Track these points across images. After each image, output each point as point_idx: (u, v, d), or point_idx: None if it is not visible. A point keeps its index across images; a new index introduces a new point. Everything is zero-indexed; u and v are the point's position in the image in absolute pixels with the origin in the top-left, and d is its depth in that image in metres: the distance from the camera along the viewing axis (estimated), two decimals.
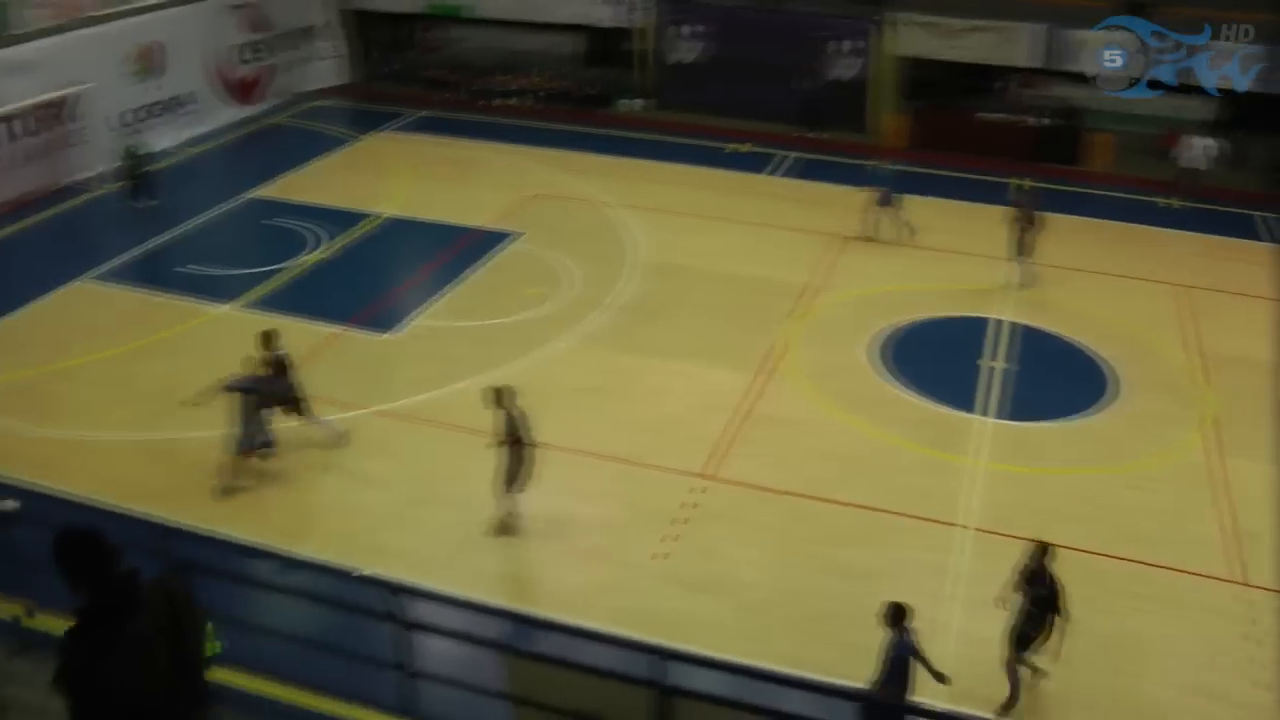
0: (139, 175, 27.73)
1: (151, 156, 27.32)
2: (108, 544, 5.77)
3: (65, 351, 21.54)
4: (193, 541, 13.55)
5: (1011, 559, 13.46)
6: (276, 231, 27.57)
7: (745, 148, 33.48)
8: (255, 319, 22.59)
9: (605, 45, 37.98)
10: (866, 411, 19.56)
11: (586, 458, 18.09)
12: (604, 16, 36.26)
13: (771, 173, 31.69)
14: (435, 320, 22.89)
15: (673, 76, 36.19)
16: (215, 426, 17.17)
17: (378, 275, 25.40)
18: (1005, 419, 19.51)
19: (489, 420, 18.46)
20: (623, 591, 15.26)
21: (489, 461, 17.17)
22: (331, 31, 40.24)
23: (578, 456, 17.84)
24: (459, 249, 26.36)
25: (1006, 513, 16.84)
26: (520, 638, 12.79)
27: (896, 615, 11.90)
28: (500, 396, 15.77)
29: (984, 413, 19.70)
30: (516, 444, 15.80)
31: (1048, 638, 12.88)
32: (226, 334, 22.02)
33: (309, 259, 25.94)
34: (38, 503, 12.05)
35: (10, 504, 14.40)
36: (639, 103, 37.00)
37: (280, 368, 17.73)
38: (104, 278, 24.76)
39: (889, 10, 33.74)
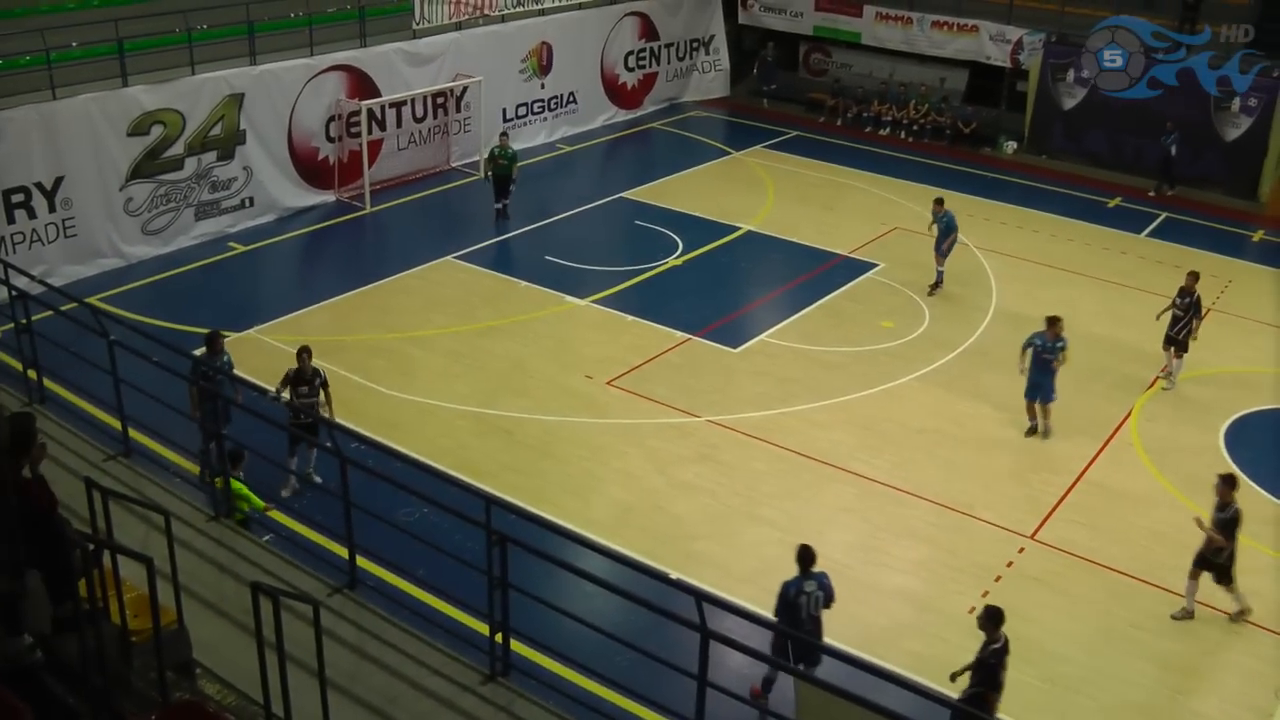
0: (501, 177, 28.14)
1: (514, 160, 27.81)
2: None
3: (425, 321, 23.03)
4: (515, 517, 13.97)
5: None
6: (640, 233, 28.46)
7: (1114, 202, 32.22)
8: (607, 315, 23.71)
9: (987, 83, 37.22)
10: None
11: (911, 498, 17.92)
12: (994, 54, 35.58)
13: (1144, 231, 30.27)
14: (781, 340, 23.02)
15: (1052, 121, 35.12)
16: (553, 411, 17.75)
17: (731, 288, 25.79)
18: None
19: (819, 444, 18.89)
20: (926, 638, 15.02)
21: (818, 487, 17.41)
22: (717, 45, 41.03)
23: (903, 495, 17.72)
24: (815, 273, 26.44)
25: None
26: (814, 667, 12.72)
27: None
28: None
29: None
30: None
31: None
32: (576, 326, 23.03)
33: (667, 264, 26.56)
34: (378, 459, 12.69)
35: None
36: (1012, 144, 36.16)
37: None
38: (470, 258, 26.17)
39: None
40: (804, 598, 12.89)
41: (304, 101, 28.22)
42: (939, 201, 25.16)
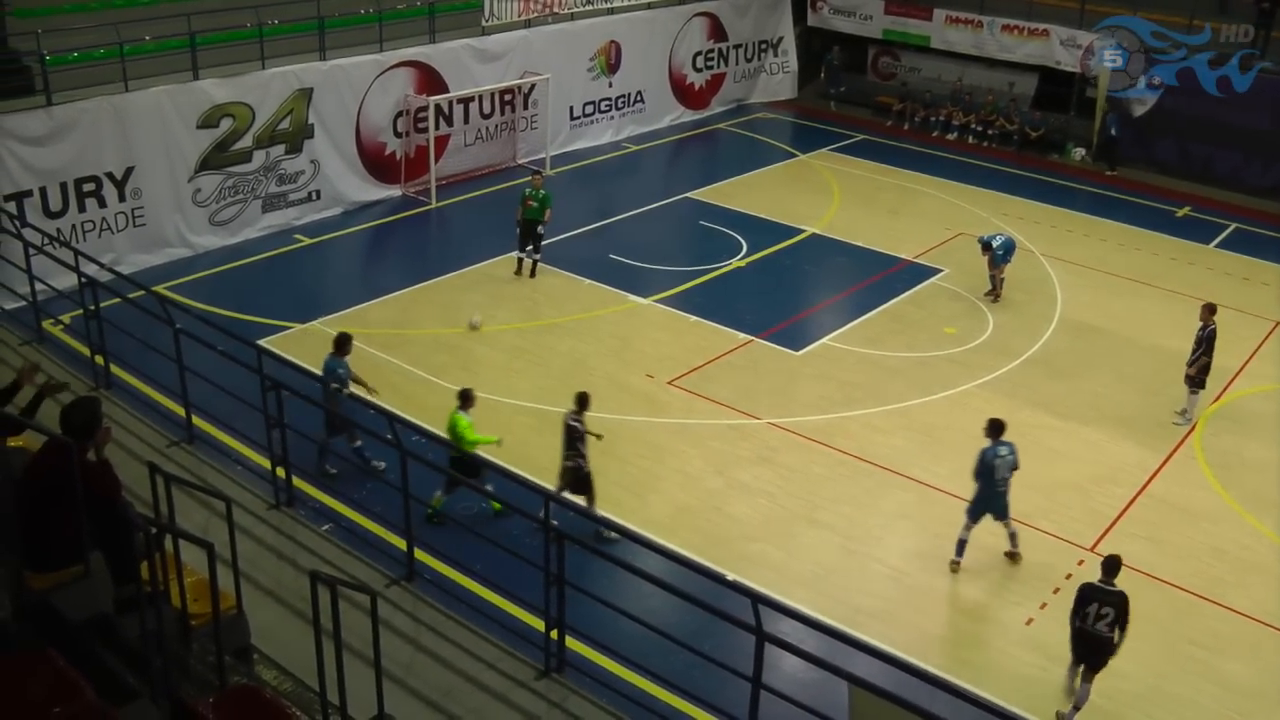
0: (531, 221, 24.72)
1: (547, 204, 24.73)
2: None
3: (489, 317, 22.95)
4: (572, 514, 14.10)
5: None
6: (704, 233, 28.41)
7: (1183, 212, 31.78)
8: (670, 315, 23.66)
9: (1057, 89, 36.79)
10: (1276, 516, 18.06)
11: None
12: (1064, 59, 35.10)
13: (1213, 242, 29.80)
14: (843, 344, 22.88)
15: (1122, 128, 34.60)
16: (613, 409, 17.86)
17: (794, 291, 25.73)
18: None
19: (879, 449, 18.87)
20: (981, 648, 14.90)
21: (878, 492, 17.43)
22: (785, 47, 40.94)
23: (963, 503, 17.18)
24: (878, 277, 26.27)
25: None
26: (868, 672, 12.68)
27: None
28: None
29: None
30: None
31: None
32: (639, 324, 23.05)
33: (731, 265, 26.53)
34: (435, 453, 12.74)
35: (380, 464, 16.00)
36: (1080, 151, 35.76)
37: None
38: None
39: None
40: (999, 460, 15.73)
41: (372, 97, 28.41)
42: (986, 245, 24.76)
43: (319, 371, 16.67)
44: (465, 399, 15.94)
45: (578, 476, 16.21)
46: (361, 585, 8.69)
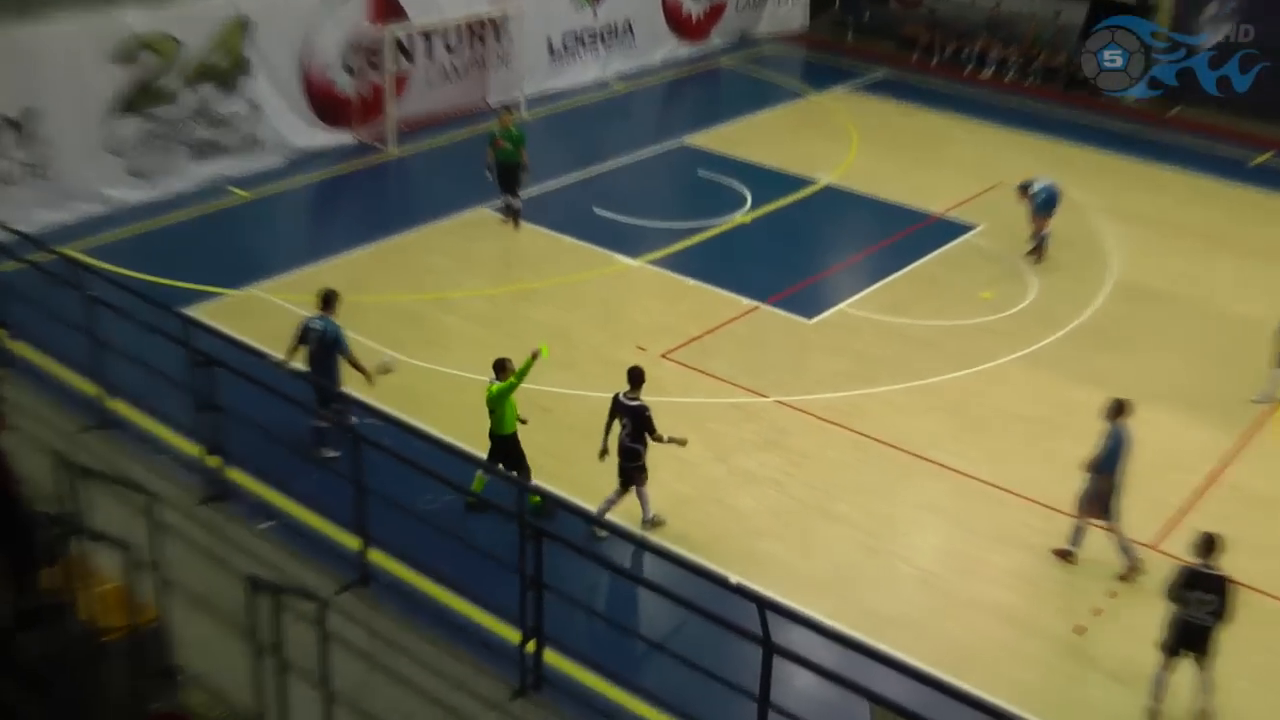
0: (508, 166, 25.00)
1: (521, 141, 25.01)
2: None
3: (455, 281, 22.97)
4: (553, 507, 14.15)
5: None
6: (703, 186, 28.34)
7: (1259, 159, 31.89)
8: (663, 278, 23.60)
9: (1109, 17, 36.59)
10: None
11: (1011, 497, 17.62)
12: None
13: None
14: (862, 311, 22.77)
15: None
16: (599, 387, 17.72)
17: (806, 250, 25.73)
18: None
19: (905, 432, 18.78)
20: (1020, 661, 14.76)
21: (903, 481, 17.37)
22: None
23: (1001, 494, 17.49)
24: (903, 234, 26.24)
25: None
26: (893, 689, 12.60)
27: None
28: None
29: None
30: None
31: None
32: (628, 290, 23.00)
33: (734, 221, 26.43)
34: (396, 437, 12.71)
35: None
36: (1135, 91, 35.49)
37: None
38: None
39: None
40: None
41: (319, 27, 28.26)
42: (1024, 189, 24.60)
43: (257, 345, 16.17)
44: (499, 369, 16.07)
45: (638, 476, 16.18)
46: (308, 592, 8.68)
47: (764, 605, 9.10)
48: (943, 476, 18.11)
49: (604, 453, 16.10)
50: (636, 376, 16.04)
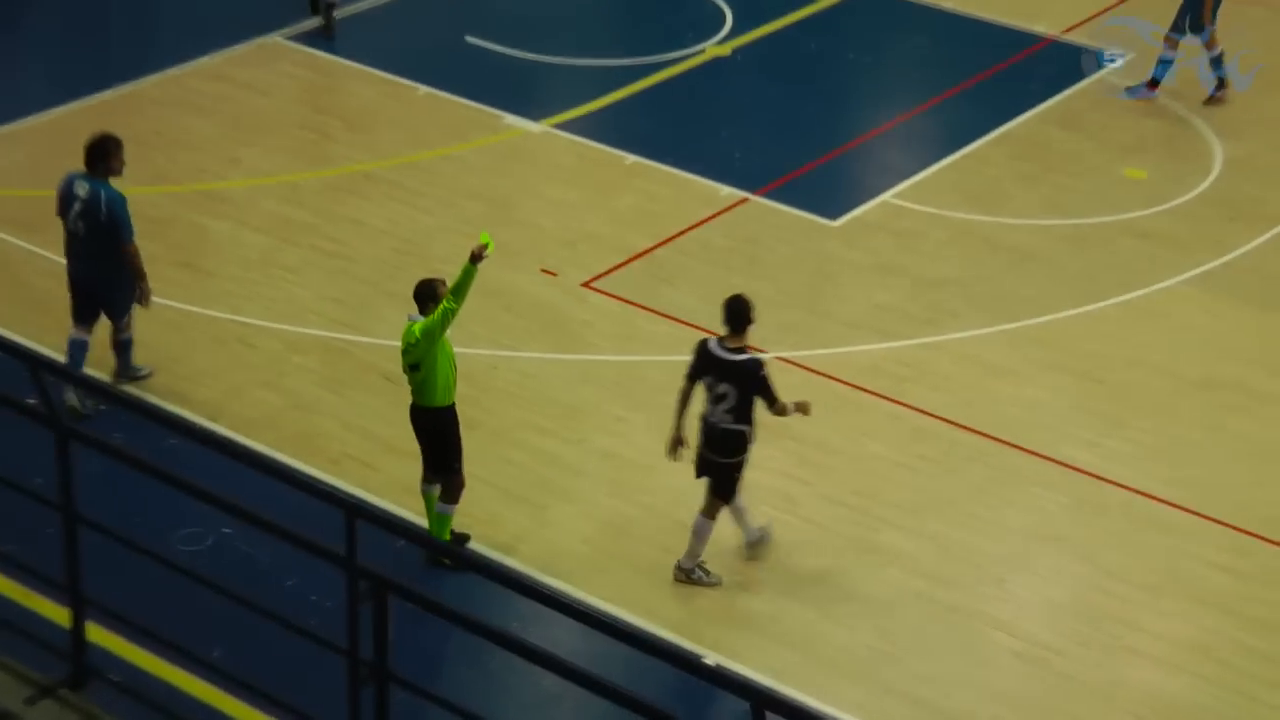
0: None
1: None
2: None
3: (229, 162, 20.94)
4: (405, 542, 12.90)
5: None
6: None
7: None
8: (586, 151, 21.66)
9: None
10: None
11: (1183, 515, 15.39)
12: None
13: None
14: (920, 204, 20.44)
15: None
16: (479, 339, 16.52)
17: (825, 102, 23.57)
18: None
19: (996, 407, 17.17)
20: None
21: (995, 491, 15.61)
22: None
23: (1165, 510, 15.24)
24: (992, 71, 24.38)
25: None
26: None
27: None
28: None
29: None
30: None
31: None
32: (527, 171, 21.13)
33: (705, 52, 24.16)
34: (135, 431, 11.44)
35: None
36: None
37: None
38: (316, 40, 23.88)
39: None
40: None
41: None
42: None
43: None
44: (426, 296, 14.03)
45: (735, 479, 14.61)
46: None
47: (761, 701, 7.22)
48: (1063, 481, 15.89)
49: (679, 442, 14.38)
50: (740, 311, 14.02)
